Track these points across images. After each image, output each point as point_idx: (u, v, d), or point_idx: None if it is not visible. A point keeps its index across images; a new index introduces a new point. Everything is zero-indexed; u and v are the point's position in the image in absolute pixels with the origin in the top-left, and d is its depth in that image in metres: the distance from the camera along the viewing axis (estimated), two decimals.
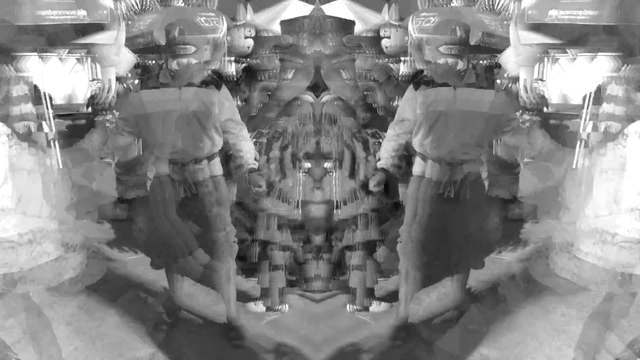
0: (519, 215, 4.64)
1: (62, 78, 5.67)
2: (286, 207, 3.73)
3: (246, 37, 3.86)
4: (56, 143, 5.24)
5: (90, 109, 4.75)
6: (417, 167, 3.07)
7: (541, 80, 4.74)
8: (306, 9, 5.20)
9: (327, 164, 3.74)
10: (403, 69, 4.16)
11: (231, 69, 3.86)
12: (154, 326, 3.24)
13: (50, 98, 5.81)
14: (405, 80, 4.07)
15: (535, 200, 4.68)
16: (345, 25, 3.60)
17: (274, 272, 3.51)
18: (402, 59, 4.24)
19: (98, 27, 5.54)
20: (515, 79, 4.68)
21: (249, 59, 3.92)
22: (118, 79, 4.63)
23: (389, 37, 4.13)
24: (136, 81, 4.39)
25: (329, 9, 5.23)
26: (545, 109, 4.60)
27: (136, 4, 5.39)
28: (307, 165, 3.77)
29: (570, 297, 3.64)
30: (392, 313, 3.39)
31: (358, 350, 3.07)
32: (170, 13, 5.18)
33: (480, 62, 5.54)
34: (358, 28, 4.16)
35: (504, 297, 3.65)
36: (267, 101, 4.02)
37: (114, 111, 3.76)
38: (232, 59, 3.91)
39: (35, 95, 6.07)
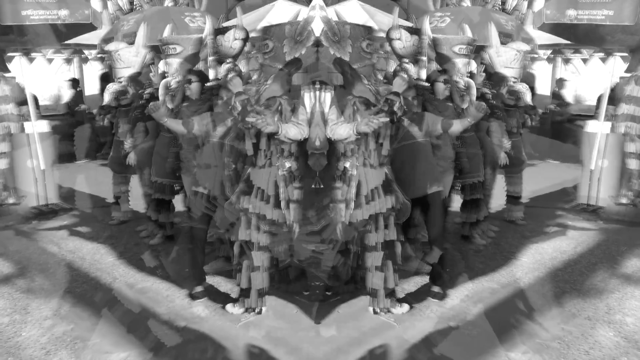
0: None
1: (49, 78, 5.51)
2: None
3: (235, 39, 3.77)
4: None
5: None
6: None
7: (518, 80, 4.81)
8: (293, 10, 5.12)
9: None
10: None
11: (216, 69, 3.80)
12: None
13: (35, 98, 5.71)
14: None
15: None
16: (364, 31, 3.55)
17: (253, 273, 3.39)
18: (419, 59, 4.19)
19: (92, 27, 5.44)
20: None
21: (234, 60, 3.86)
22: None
23: (399, 39, 4.07)
24: None
25: (342, 9, 5.18)
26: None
27: (124, 4, 5.29)
28: None
29: (596, 301, 3.58)
30: (416, 315, 3.35)
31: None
32: (155, 13, 5.07)
33: None
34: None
35: None
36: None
37: None
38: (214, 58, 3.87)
39: (20, 96, 5.96)
